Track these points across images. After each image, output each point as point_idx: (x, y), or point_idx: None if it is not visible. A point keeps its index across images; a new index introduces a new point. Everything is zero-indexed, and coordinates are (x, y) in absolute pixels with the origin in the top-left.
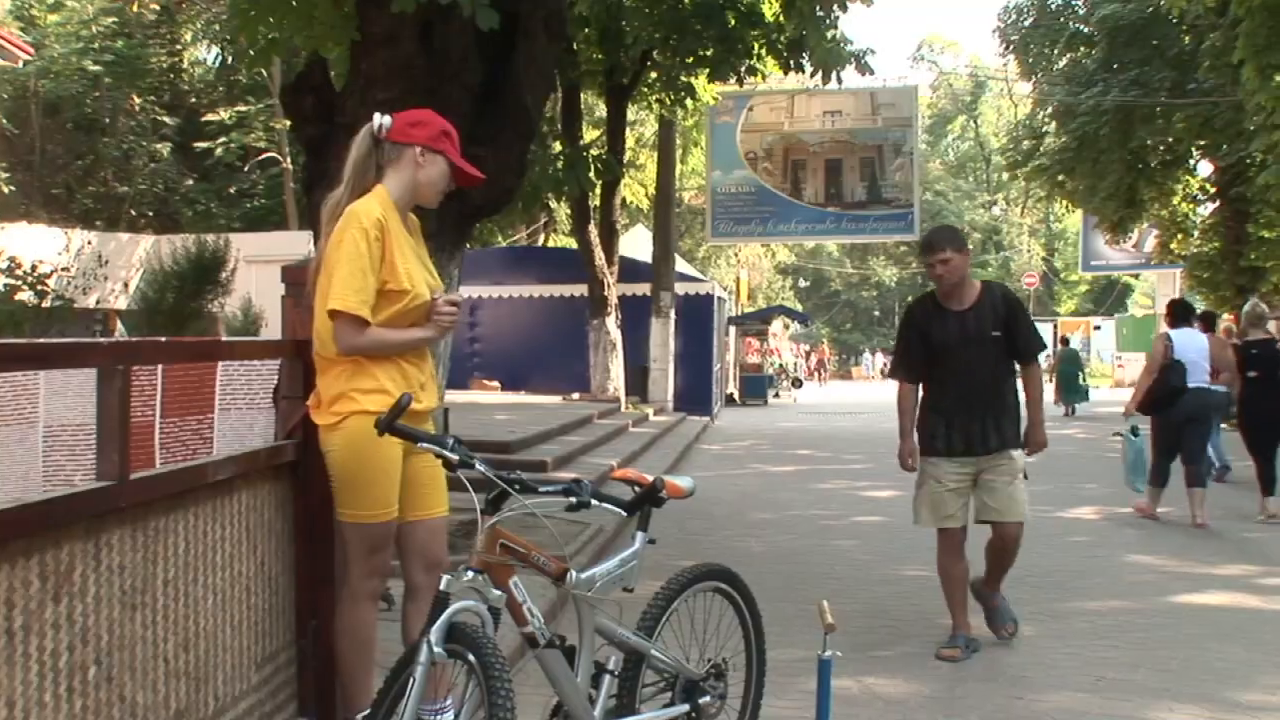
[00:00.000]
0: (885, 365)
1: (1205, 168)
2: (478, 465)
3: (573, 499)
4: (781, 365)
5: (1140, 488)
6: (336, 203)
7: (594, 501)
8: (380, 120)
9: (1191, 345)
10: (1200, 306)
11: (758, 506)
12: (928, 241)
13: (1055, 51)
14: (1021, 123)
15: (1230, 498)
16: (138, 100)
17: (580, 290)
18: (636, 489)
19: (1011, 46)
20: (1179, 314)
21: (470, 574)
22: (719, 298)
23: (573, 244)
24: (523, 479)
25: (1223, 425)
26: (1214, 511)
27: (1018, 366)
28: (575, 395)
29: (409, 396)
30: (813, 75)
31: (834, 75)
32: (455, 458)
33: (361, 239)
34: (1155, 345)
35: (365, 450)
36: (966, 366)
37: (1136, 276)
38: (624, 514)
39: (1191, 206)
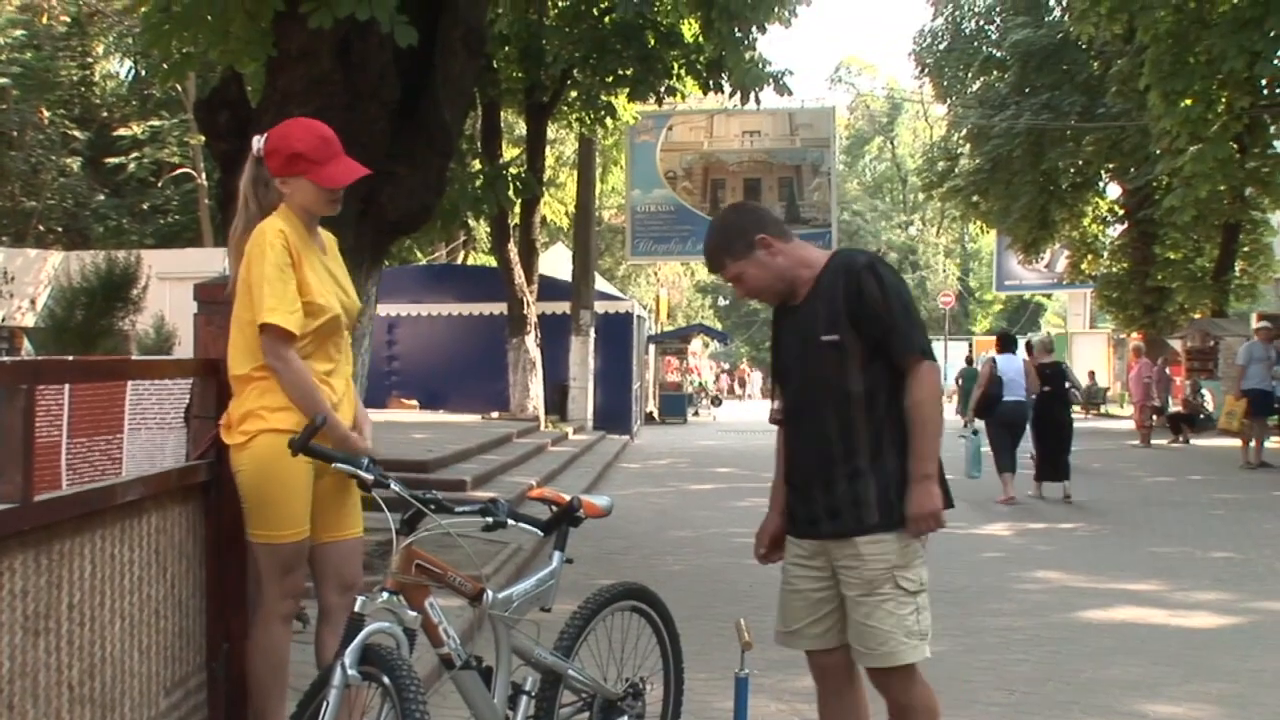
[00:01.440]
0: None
1: (1114, 190)
2: (393, 485)
3: (489, 519)
4: (701, 384)
5: (976, 474)
6: (236, 231)
7: (510, 521)
8: (257, 144)
9: (1011, 367)
10: (1109, 326)
11: (676, 525)
12: (705, 259)
13: (969, 75)
14: (937, 144)
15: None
16: (47, 113)
17: (499, 308)
18: (553, 508)
19: (927, 70)
20: (1004, 343)
21: (385, 595)
22: (638, 316)
23: (492, 262)
24: (438, 499)
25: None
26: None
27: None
28: (494, 414)
29: (323, 417)
30: (731, 95)
31: (753, 96)
32: (370, 477)
33: (271, 252)
34: (984, 366)
35: (274, 469)
36: (800, 392)
37: (1049, 296)
38: (540, 534)
39: (1101, 228)
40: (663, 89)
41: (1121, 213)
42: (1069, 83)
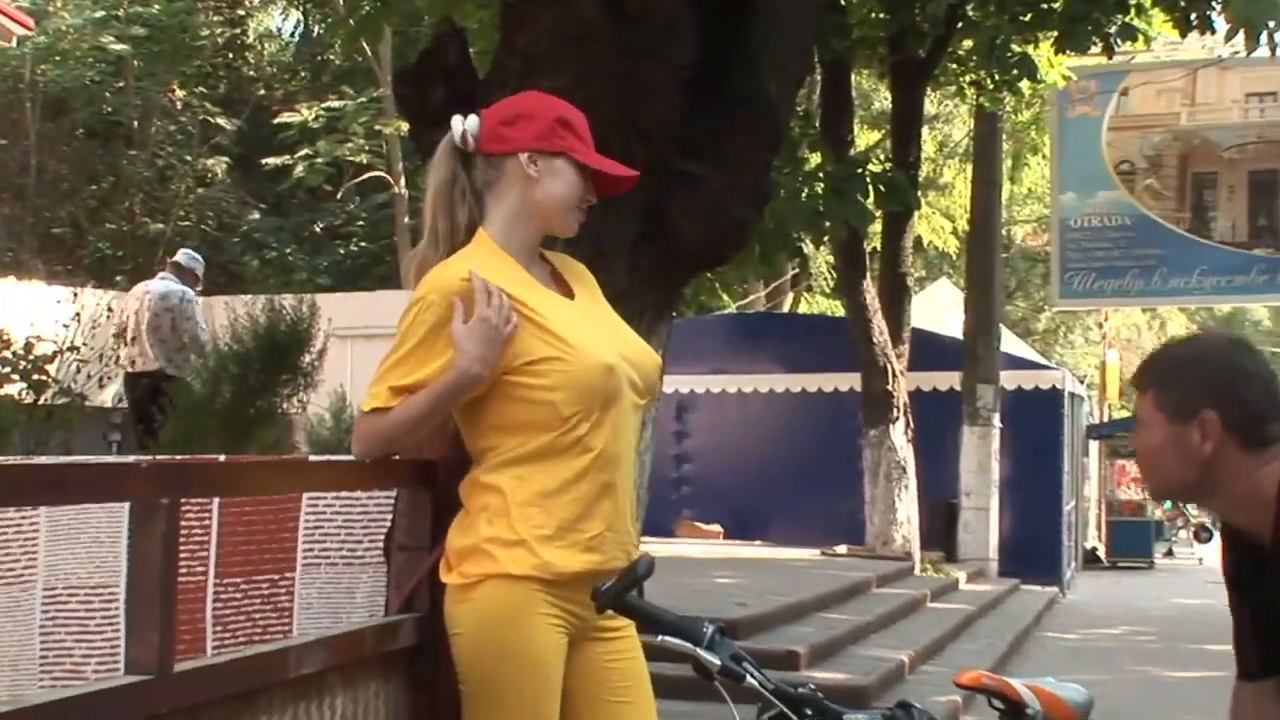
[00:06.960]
0: None
1: None
2: (750, 675)
3: None
4: (1177, 504)
5: None
6: (421, 260)
7: None
8: (461, 125)
9: None
10: None
11: None
12: (1139, 368)
13: None
14: None
15: None
16: (180, 93)
17: (849, 382)
18: (997, 706)
19: None
20: None
21: None
22: (1072, 394)
23: (836, 309)
24: (819, 700)
25: None
26: None
27: None
28: (841, 548)
29: (647, 562)
30: (1228, 38)
31: (1263, 36)
32: (717, 661)
33: (408, 316)
34: None
35: (505, 636)
36: None
37: None
38: None
39: None
40: (1112, 31)
41: None
42: None
